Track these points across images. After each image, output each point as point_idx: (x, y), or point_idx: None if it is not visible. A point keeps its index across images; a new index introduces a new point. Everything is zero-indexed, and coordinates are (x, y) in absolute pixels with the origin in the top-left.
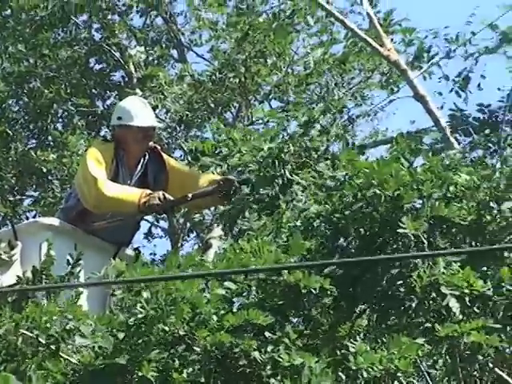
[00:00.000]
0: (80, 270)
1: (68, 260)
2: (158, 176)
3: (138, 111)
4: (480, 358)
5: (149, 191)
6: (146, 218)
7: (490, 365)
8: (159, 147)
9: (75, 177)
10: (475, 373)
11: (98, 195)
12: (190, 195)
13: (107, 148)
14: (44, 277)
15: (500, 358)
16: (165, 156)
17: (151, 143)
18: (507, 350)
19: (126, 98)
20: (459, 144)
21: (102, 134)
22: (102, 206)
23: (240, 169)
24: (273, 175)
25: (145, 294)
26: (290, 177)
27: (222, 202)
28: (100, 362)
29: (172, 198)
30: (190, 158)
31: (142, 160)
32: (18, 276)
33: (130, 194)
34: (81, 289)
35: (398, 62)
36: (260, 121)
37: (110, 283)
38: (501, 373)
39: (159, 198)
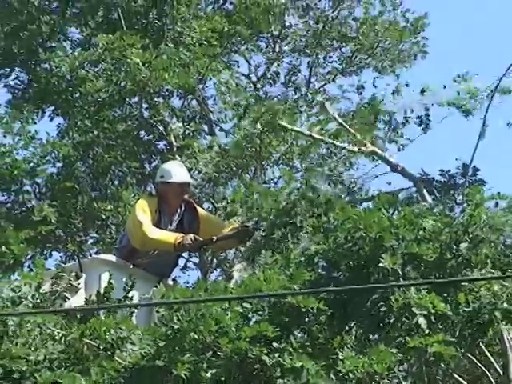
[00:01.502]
0: (133, 295)
1: (124, 287)
2: (192, 223)
3: (177, 171)
4: (442, 365)
5: (182, 234)
6: (182, 255)
7: (450, 371)
8: (193, 201)
9: (127, 222)
10: (438, 377)
11: (143, 236)
12: (215, 238)
13: (152, 201)
14: (105, 299)
15: (458, 366)
16: (198, 208)
17: (186, 197)
18: (464, 360)
19: (167, 161)
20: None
21: (149, 189)
22: (146, 245)
23: (260, 217)
24: (286, 221)
25: (180, 311)
26: (300, 224)
27: (239, 245)
28: (145, 363)
29: (201, 239)
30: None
31: (179, 210)
32: (85, 298)
33: (168, 236)
34: (133, 309)
35: (375, 151)
36: (272, 181)
37: (154, 304)
38: (458, 377)
39: (191, 239)
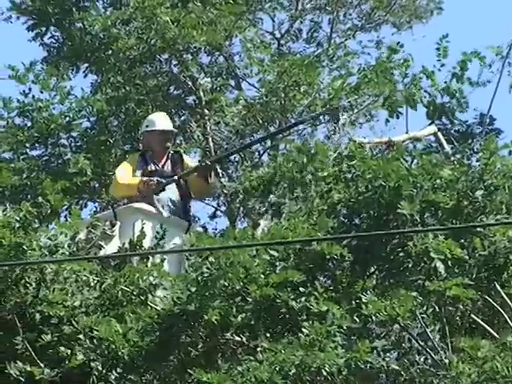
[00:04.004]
0: (164, 242)
1: (155, 236)
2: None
3: (159, 121)
4: (460, 307)
5: (147, 178)
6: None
7: (468, 312)
8: (182, 151)
9: None
10: (457, 318)
11: (115, 182)
12: (176, 177)
13: (132, 157)
14: (138, 247)
15: (474, 307)
16: (185, 157)
17: (170, 145)
18: (479, 302)
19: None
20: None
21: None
22: (117, 189)
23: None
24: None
25: (210, 258)
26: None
27: (205, 182)
28: (177, 308)
29: (164, 181)
30: None
31: (165, 157)
32: (119, 246)
33: (134, 179)
34: (165, 256)
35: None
36: (295, 133)
37: (186, 251)
38: (475, 318)
39: (153, 181)
